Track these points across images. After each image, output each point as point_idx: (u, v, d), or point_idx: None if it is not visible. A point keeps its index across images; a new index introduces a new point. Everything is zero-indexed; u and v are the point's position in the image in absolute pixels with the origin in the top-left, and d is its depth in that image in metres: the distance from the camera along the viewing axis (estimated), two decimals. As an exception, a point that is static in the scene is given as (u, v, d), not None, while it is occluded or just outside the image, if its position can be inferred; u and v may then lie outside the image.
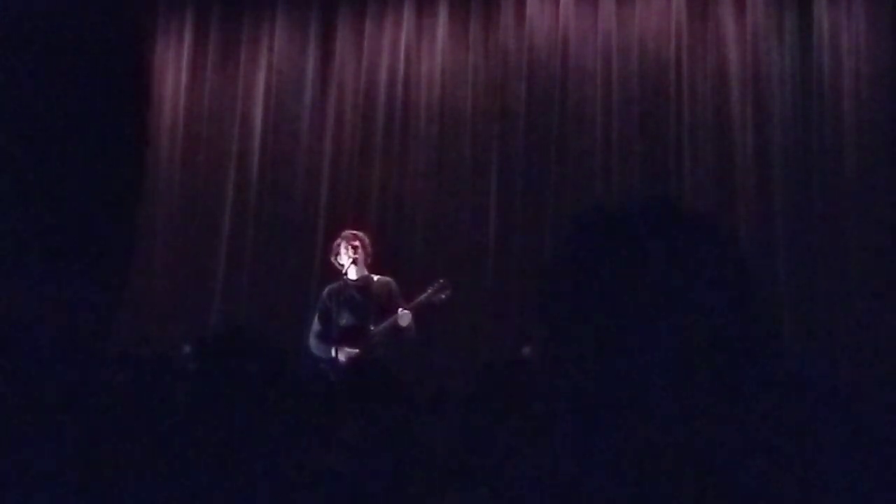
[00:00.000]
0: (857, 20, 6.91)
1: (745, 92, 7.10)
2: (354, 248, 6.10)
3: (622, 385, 0.96)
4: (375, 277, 6.14)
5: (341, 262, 6.12)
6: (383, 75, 7.82)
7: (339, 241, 6.19)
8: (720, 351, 0.97)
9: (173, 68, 8.13)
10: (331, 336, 6.04)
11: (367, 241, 6.20)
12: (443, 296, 6.12)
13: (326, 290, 6.22)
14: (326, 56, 7.98)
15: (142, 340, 7.35)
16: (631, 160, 7.21)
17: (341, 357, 5.95)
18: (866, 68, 6.85)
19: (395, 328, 5.96)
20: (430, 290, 6.11)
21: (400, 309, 5.96)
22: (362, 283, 6.11)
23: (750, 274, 1.03)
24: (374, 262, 6.24)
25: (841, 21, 6.95)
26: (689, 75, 7.24)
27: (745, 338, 0.98)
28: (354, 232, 6.23)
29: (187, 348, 6.51)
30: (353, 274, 6.11)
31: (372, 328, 6.00)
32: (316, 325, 6.15)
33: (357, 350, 5.94)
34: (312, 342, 6.12)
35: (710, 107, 7.18)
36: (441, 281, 6.16)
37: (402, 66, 7.78)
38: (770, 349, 1.03)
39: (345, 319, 6.06)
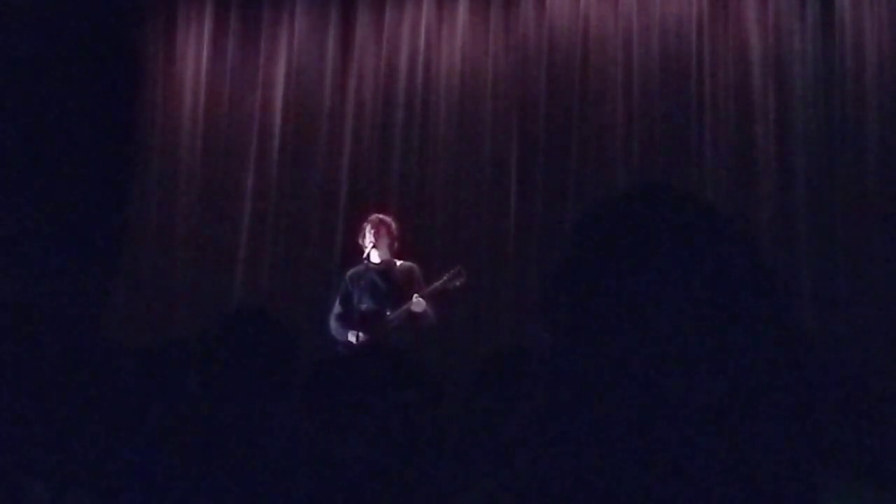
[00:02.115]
0: (880, 2, 6.84)
1: (766, 76, 7.05)
2: (376, 232, 6.11)
3: (633, 378, 0.95)
4: (398, 262, 6.15)
5: (364, 246, 6.14)
6: (403, 60, 7.81)
7: (365, 224, 6.21)
8: (738, 349, 0.95)
9: (194, 53, 8.15)
10: (350, 319, 6.07)
11: (392, 225, 6.19)
12: (457, 283, 6.12)
13: (349, 272, 6.24)
14: (347, 41, 7.97)
15: (161, 325, 7.41)
16: (652, 145, 7.17)
17: (359, 342, 5.97)
18: (889, 51, 6.78)
19: (410, 314, 5.97)
20: (445, 278, 6.12)
21: (415, 295, 5.97)
22: (385, 268, 6.12)
23: (770, 269, 1.01)
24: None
25: (863, 3, 6.88)
26: (711, 60, 7.19)
27: (767, 335, 0.96)
28: (380, 216, 6.23)
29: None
30: (375, 258, 6.13)
31: (388, 313, 6.02)
32: (337, 308, 6.18)
33: (374, 335, 5.96)
34: (332, 324, 6.15)
35: (732, 91, 7.13)
36: (457, 268, 6.16)
37: (422, 51, 7.76)
38: (793, 350, 1.00)
39: (365, 303, 6.07)
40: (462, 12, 7.73)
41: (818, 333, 6.31)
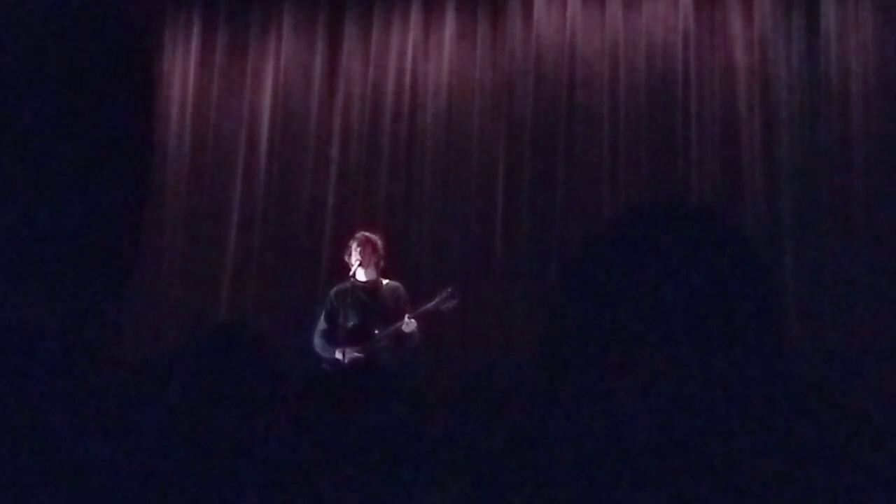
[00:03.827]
0: (865, 19, 6.89)
1: (752, 93, 7.09)
2: (361, 250, 6.08)
3: (630, 381, 0.96)
4: (385, 281, 6.13)
5: (350, 264, 6.12)
6: (390, 75, 7.82)
7: (351, 241, 6.18)
8: (728, 350, 0.96)
9: (181, 68, 8.15)
10: (336, 336, 6.04)
11: (378, 244, 6.16)
12: (450, 305, 6.08)
13: (334, 289, 6.21)
14: (334, 56, 7.98)
15: (149, 340, 7.39)
16: (638, 162, 7.20)
17: (346, 359, 5.95)
18: (874, 67, 6.82)
19: (399, 334, 5.95)
20: (437, 299, 6.07)
21: (406, 316, 5.94)
22: (371, 287, 6.09)
23: (760, 267, 1.02)
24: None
25: (848, 20, 6.93)
26: (697, 76, 7.22)
27: (753, 336, 0.97)
28: (366, 234, 6.19)
29: None
30: (361, 276, 6.10)
31: (377, 332, 5.99)
32: (321, 325, 6.14)
33: (361, 353, 5.94)
34: (317, 341, 6.11)
35: (718, 108, 7.16)
36: (449, 290, 6.12)
37: (409, 66, 7.77)
38: (778, 349, 1.02)
39: (351, 321, 6.05)
40: (449, 29, 7.74)
41: (801, 343, 6.34)
